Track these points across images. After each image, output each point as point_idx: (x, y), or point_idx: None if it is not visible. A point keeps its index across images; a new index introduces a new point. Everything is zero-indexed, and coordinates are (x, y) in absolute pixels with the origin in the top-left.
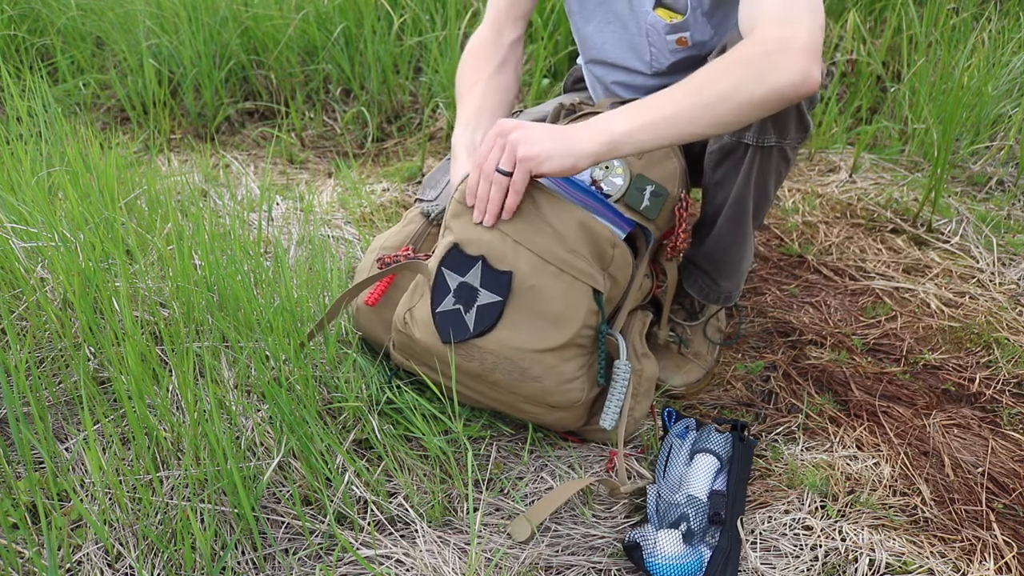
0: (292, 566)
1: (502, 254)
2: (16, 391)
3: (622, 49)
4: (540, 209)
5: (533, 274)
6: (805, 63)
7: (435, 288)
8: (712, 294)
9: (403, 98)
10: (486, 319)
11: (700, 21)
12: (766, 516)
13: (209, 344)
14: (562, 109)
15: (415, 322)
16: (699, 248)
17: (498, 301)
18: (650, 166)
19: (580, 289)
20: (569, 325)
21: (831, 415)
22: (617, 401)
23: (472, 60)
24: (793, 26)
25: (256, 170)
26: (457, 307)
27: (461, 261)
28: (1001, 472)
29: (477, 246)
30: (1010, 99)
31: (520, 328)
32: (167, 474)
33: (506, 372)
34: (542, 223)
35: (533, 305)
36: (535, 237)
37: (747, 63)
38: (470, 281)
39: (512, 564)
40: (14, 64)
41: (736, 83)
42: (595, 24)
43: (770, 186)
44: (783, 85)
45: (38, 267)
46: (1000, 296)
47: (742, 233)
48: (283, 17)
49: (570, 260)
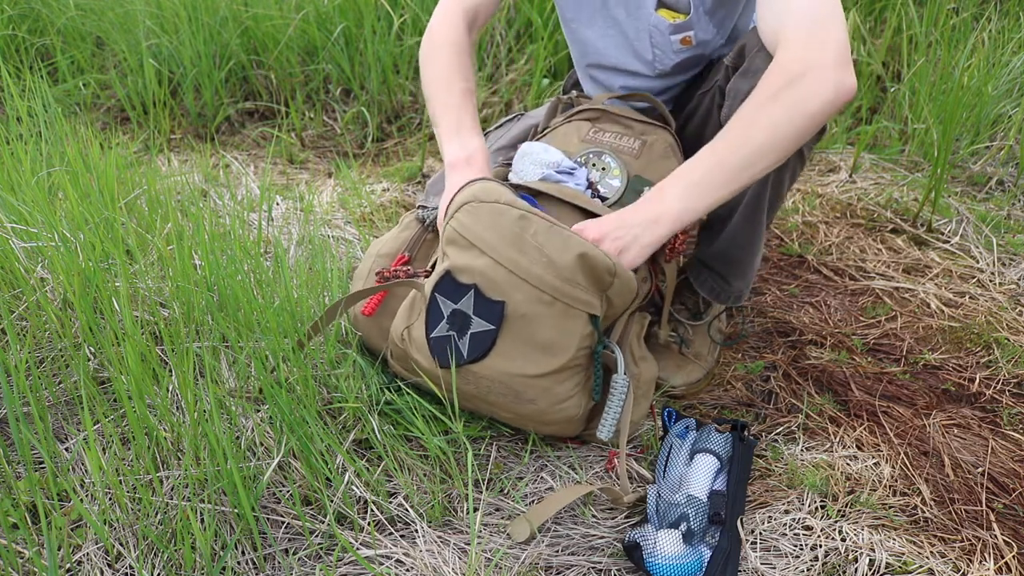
0: (292, 566)
1: (494, 283)
2: (16, 391)
3: (624, 53)
4: (536, 238)
5: (525, 303)
6: (835, 77)
7: (429, 312)
8: (723, 294)
9: (403, 98)
10: (479, 346)
11: (703, 20)
12: (766, 516)
13: (209, 344)
14: (559, 103)
15: (413, 342)
16: (709, 248)
17: (491, 330)
18: (648, 166)
19: (575, 317)
20: (563, 353)
21: (831, 415)
22: (614, 415)
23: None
24: (817, 38)
25: (256, 170)
26: (451, 333)
27: (454, 289)
28: (1001, 472)
29: (470, 275)
30: (1010, 99)
31: (513, 356)
32: (167, 474)
33: (501, 395)
34: (536, 252)
35: (526, 333)
36: (529, 267)
37: (779, 99)
38: (463, 308)
39: (512, 564)
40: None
41: (775, 124)
42: (597, 29)
43: (784, 185)
44: (819, 109)
45: (38, 267)
46: (1000, 296)
47: (757, 232)
48: (283, 17)
49: (564, 289)
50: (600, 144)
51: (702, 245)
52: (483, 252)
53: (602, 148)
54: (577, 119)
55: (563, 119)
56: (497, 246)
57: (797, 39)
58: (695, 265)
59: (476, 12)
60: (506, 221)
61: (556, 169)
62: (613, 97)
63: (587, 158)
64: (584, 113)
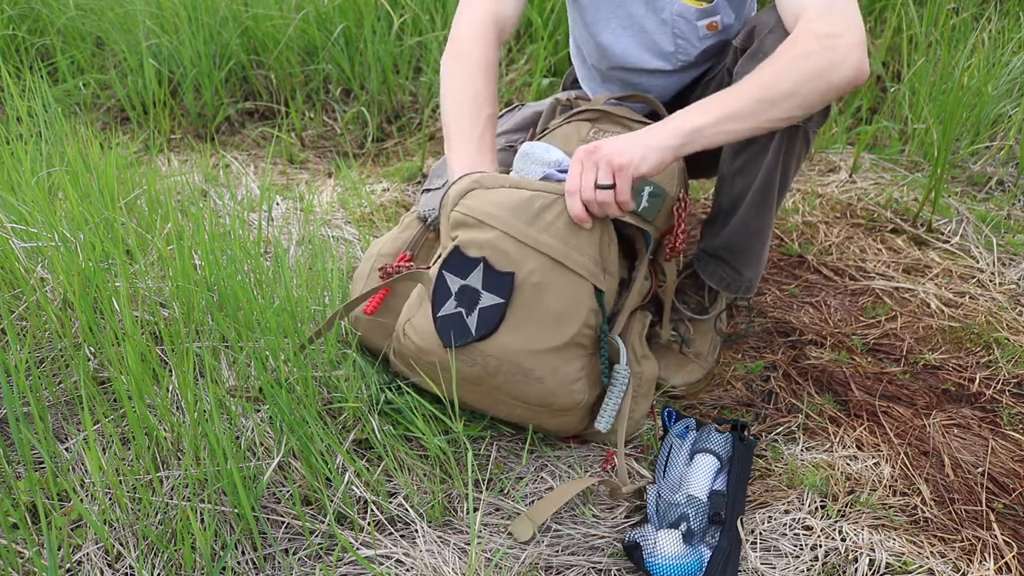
0: (292, 566)
1: (504, 254)
2: (16, 391)
3: (641, 52)
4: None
5: (536, 271)
6: (859, 57)
7: (436, 292)
8: (734, 284)
9: (403, 98)
10: (488, 321)
11: (724, 4)
12: (766, 516)
13: (209, 344)
14: (558, 104)
15: (415, 330)
16: (716, 239)
17: (500, 303)
18: None
19: (582, 286)
20: (570, 323)
21: (831, 415)
22: (614, 405)
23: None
24: (840, 17)
25: (256, 170)
26: (459, 310)
27: (463, 264)
28: (1001, 472)
29: (479, 248)
30: (1010, 99)
31: (522, 329)
32: (167, 474)
33: (508, 375)
34: (542, 222)
35: (535, 304)
36: (537, 235)
37: (809, 60)
38: (472, 283)
39: (512, 564)
40: (14, 64)
41: (800, 81)
42: (611, 32)
43: (791, 170)
44: (842, 81)
45: (38, 267)
46: (1000, 296)
47: (767, 219)
48: (283, 17)
49: (572, 256)
50: None
51: (708, 237)
52: (492, 226)
53: None
54: (577, 120)
55: (562, 120)
56: (505, 218)
57: (823, 14)
58: (702, 258)
59: (504, 24)
60: (515, 198)
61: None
62: (612, 99)
63: None
64: (584, 114)
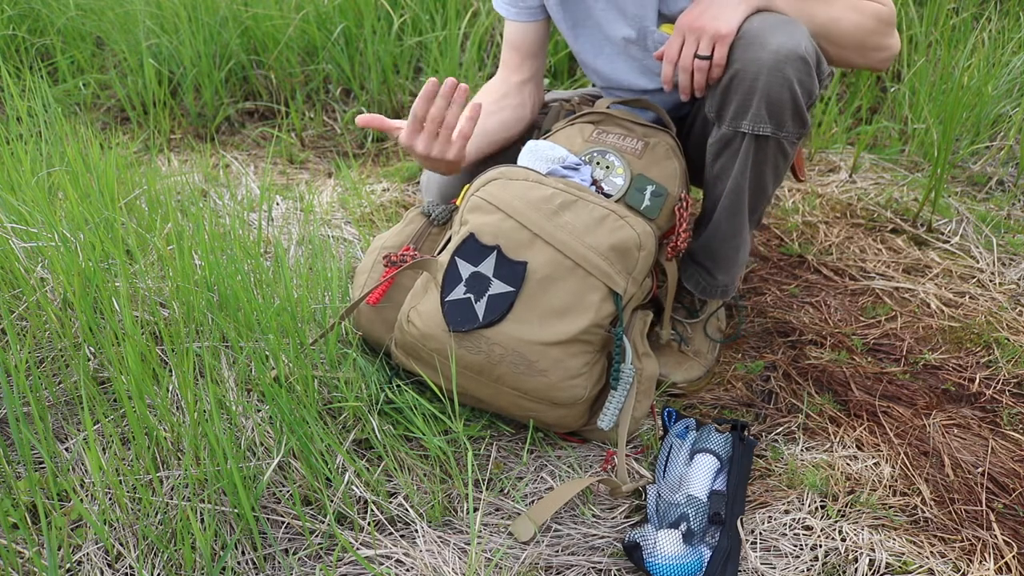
0: (292, 566)
1: (518, 244)
2: (16, 391)
3: (637, 76)
4: (567, 211)
5: (547, 265)
6: (898, 45)
7: (446, 277)
8: (709, 288)
9: (403, 98)
10: (496, 309)
11: None
12: (766, 516)
13: (209, 344)
14: (561, 109)
15: (419, 315)
16: (695, 242)
17: (510, 292)
18: (651, 166)
19: (593, 285)
20: (578, 320)
21: (831, 415)
22: (617, 403)
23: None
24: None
25: (256, 170)
26: (468, 296)
27: (476, 250)
28: (1001, 472)
29: (493, 236)
30: (1010, 99)
31: (529, 320)
32: (167, 474)
33: (512, 365)
34: (561, 219)
35: (544, 297)
36: (555, 231)
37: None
38: (483, 271)
39: (512, 564)
40: (14, 64)
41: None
42: (605, 58)
43: (767, 179)
44: (887, 56)
45: (38, 267)
46: (1000, 296)
47: (738, 225)
48: (283, 17)
49: (587, 255)
50: (604, 144)
51: (692, 242)
52: (509, 216)
53: (606, 148)
54: (580, 122)
55: (565, 123)
56: (524, 211)
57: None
58: (684, 261)
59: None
60: (537, 193)
61: (562, 164)
62: (616, 103)
63: (591, 157)
64: (587, 117)
